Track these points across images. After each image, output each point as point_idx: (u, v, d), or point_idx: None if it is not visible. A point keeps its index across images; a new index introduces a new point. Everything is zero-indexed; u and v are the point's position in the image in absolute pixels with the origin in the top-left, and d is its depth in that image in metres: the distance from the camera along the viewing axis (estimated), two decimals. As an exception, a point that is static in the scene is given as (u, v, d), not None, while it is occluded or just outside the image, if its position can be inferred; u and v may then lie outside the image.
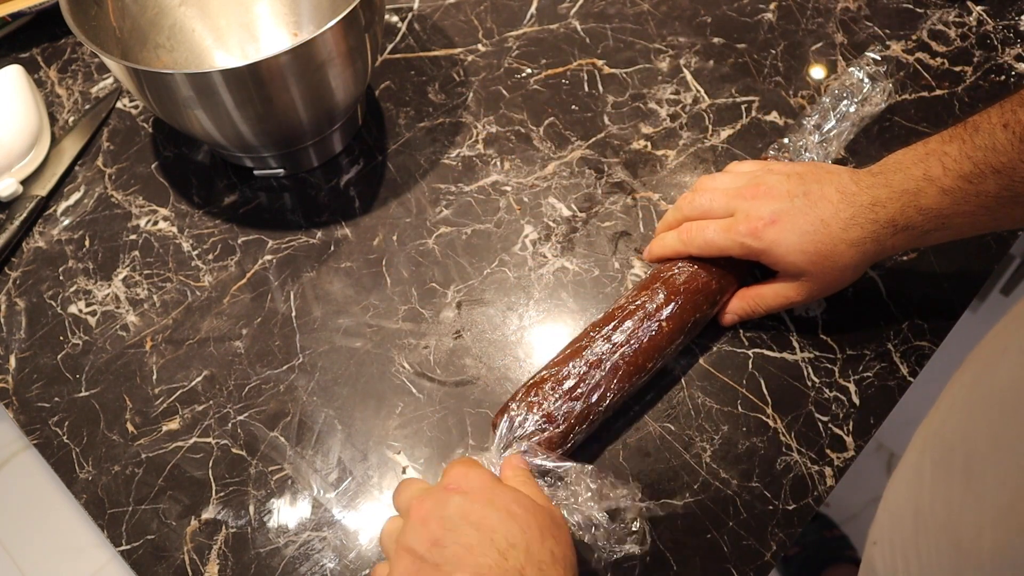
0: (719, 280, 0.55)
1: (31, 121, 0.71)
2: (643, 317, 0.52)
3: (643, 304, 0.53)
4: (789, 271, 0.53)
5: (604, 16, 0.79)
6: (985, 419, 0.42)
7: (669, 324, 0.52)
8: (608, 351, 0.51)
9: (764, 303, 0.56)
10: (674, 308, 0.53)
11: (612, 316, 0.53)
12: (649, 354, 0.52)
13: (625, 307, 0.53)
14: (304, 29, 0.74)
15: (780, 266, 0.53)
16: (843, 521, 1.25)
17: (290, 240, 0.65)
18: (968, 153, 0.45)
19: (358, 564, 0.50)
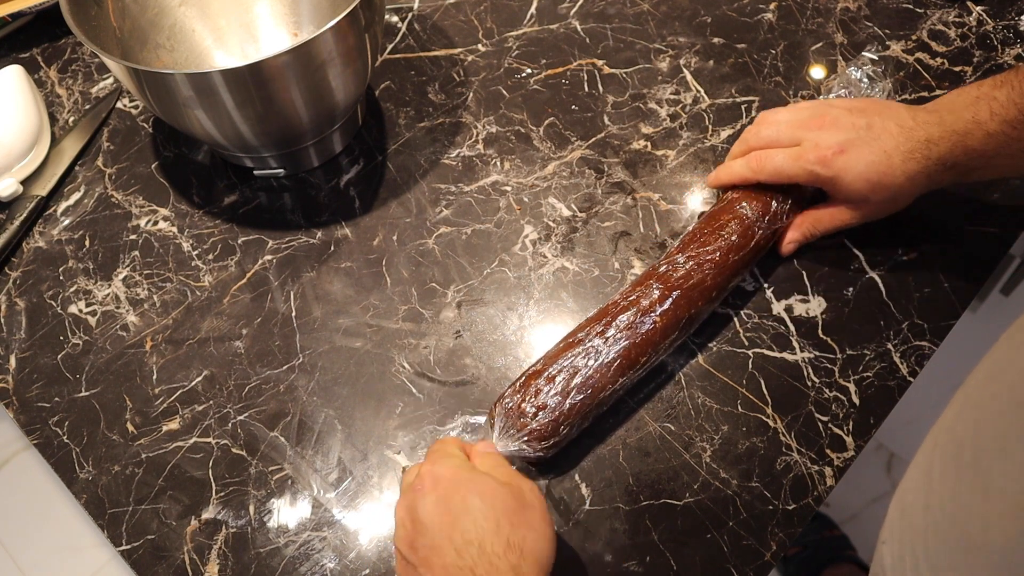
0: (714, 277, 0.55)
1: (31, 121, 0.71)
2: (637, 312, 0.52)
3: (637, 299, 0.53)
4: (852, 198, 0.56)
5: (604, 16, 0.79)
6: (996, 414, 0.42)
7: (663, 319, 0.52)
8: (602, 345, 0.51)
9: (821, 226, 0.59)
10: (669, 304, 0.53)
11: (606, 311, 0.53)
12: (642, 348, 0.52)
13: (619, 303, 0.53)
14: (304, 29, 0.74)
15: (844, 193, 0.56)
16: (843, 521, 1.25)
17: (290, 240, 0.65)
18: (1015, 100, 0.48)
19: (358, 564, 0.50)
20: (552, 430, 0.49)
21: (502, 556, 0.41)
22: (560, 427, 0.49)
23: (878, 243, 0.61)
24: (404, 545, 0.44)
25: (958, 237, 0.61)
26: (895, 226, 0.62)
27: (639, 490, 0.52)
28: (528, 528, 0.43)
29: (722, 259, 0.55)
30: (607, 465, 0.53)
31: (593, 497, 0.52)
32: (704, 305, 0.55)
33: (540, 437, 0.49)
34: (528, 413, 0.49)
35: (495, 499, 0.44)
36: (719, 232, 0.56)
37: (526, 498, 0.45)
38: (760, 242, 0.57)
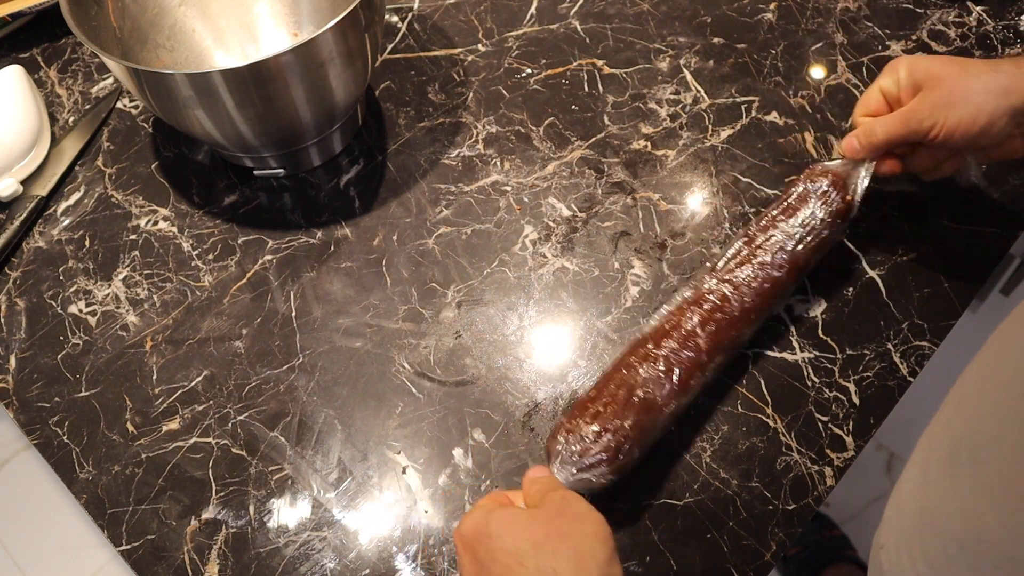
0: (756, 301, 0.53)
1: (31, 121, 0.71)
2: (685, 335, 0.51)
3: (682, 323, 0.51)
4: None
5: (604, 16, 0.79)
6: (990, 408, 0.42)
7: (709, 342, 0.51)
8: (654, 369, 0.50)
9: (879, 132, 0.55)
10: (713, 328, 0.51)
11: (660, 332, 0.52)
12: (693, 370, 0.50)
13: (666, 326, 0.52)
14: (304, 29, 0.74)
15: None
16: (843, 521, 1.25)
17: (290, 240, 0.65)
18: None
19: (358, 564, 0.50)
20: (614, 452, 0.47)
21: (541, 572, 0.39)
22: (620, 449, 0.48)
23: (878, 243, 0.61)
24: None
25: (958, 237, 0.61)
26: (895, 226, 0.62)
27: (639, 490, 0.52)
28: (562, 538, 0.41)
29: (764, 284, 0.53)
30: (607, 465, 0.53)
31: (593, 497, 0.52)
32: (747, 328, 0.53)
33: (602, 460, 0.47)
34: (588, 436, 0.47)
35: (515, 530, 0.42)
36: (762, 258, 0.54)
37: (558, 507, 0.43)
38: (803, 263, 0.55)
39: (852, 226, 0.62)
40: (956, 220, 0.62)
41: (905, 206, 0.63)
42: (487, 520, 0.43)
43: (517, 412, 0.55)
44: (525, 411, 0.55)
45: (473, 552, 0.42)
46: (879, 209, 0.63)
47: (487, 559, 0.41)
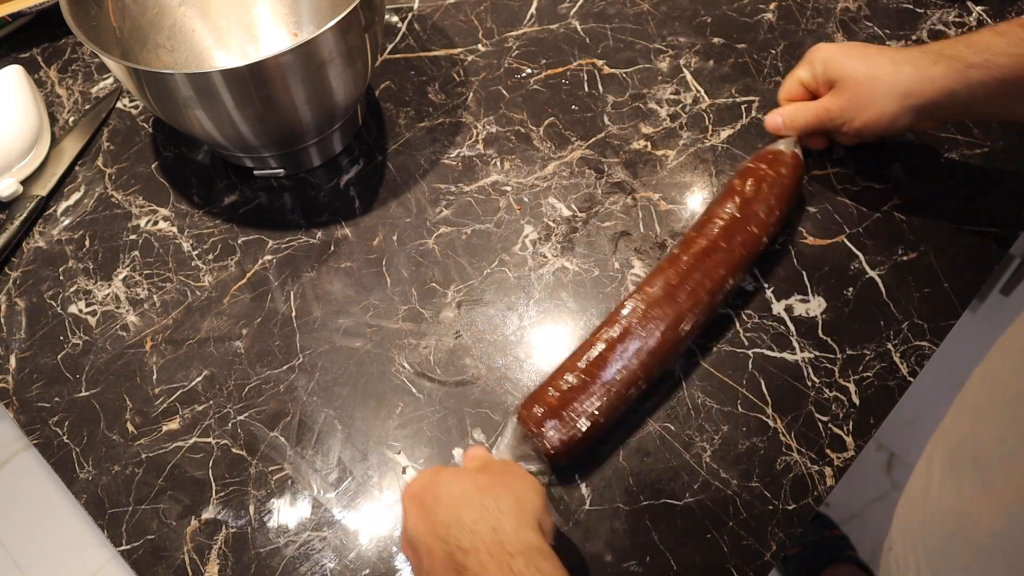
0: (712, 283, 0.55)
1: (31, 121, 0.71)
2: (641, 323, 0.53)
3: (637, 312, 0.53)
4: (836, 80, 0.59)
5: (604, 16, 0.79)
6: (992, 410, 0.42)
7: (666, 333, 0.52)
8: (612, 356, 0.52)
9: (805, 113, 0.61)
10: (671, 319, 0.53)
11: (612, 320, 0.53)
12: (656, 357, 0.52)
13: (623, 312, 0.54)
14: (304, 29, 0.74)
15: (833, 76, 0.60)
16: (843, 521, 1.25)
17: (290, 240, 0.65)
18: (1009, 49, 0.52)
19: (358, 564, 0.50)
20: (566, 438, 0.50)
21: (479, 520, 0.42)
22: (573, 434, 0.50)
23: (878, 243, 0.61)
24: (416, 571, 0.45)
25: (958, 237, 0.61)
26: (895, 226, 0.62)
27: (639, 490, 0.52)
28: (500, 486, 0.44)
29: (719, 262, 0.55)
30: (607, 465, 0.53)
31: (593, 497, 0.52)
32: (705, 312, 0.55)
33: (553, 442, 0.49)
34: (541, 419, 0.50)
35: (462, 479, 0.45)
36: (714, 234, 0.56)
37: (498, 466, 0.47)
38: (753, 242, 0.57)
39: (852, 225, 0.62)
40: (956, 220, 0.62)
41: (905, 206, 0.63)
42: (434, 475, 0.46)
43: (517, 412, 0.55)
44: (525, 411, 0.55)
45: (420, 502, 0.45)
46: (879, 209, 0.63)
47: (433, 504, 0.44)
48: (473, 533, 0.42)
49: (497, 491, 0.44)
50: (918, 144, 0.67)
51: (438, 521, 0.43)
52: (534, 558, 0.41)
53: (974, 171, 0.65)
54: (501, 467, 0.47)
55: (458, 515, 0.43)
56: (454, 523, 0.43)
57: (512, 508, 0.43)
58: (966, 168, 0.65)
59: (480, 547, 0.41)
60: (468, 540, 0.42)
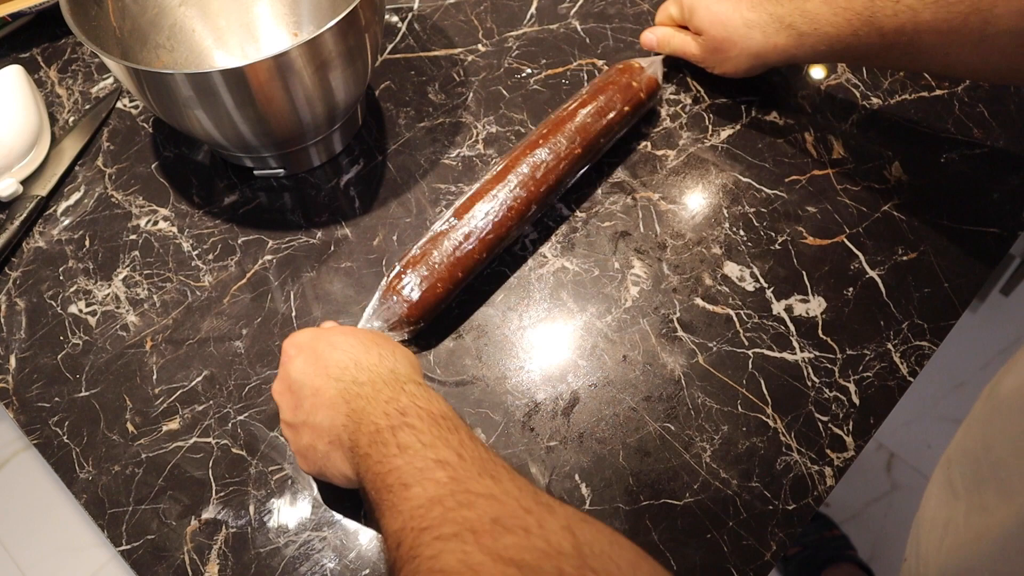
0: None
1: (31, 121, 0.71)
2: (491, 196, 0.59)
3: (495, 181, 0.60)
4: (698, 28, 0.67)
5: (604, 16, 0.79)
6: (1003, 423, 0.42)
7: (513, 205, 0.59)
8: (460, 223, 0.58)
9: (671, 44, 0.71)
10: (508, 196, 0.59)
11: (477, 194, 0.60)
12: (501, 228, 0.58)
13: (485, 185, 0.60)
14: (304, 29, 0.74)
15: (694, 23, 0.68)
16: (843, 521, 1.25)
17: (290, 240, 0.65)
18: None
19: (358, 564, 0.50)
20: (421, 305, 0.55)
21: (378, 364, 0.46)
22: (412, 316, 0.55)
23: (878, 243, 0.61)
24: (288, 414, 0.48)
25: (958, 237, 0.61)
26: (895, 226, 0.62)
27: (639, 490, 0.52)
28: (393, 345, 0.49)
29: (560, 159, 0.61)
30: (607, 465, 0.53)
31: (593, 497, 0.52)
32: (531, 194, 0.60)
33: (399, 322, 0.56)
34: (398, 277, 0.56)
35: (356, 334, 0.49)
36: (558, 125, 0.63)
37: (378, 336, 0.50)
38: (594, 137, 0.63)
39: (852, 225, 0.62)
40: (956, 220, 0.62)
41: (905, 206, 0.63)
42: (327, 329, 0.50)
43: (517, 412, 0.55)
44: (525, 411, 0.55)
45: (311, 349, 0.48)
46: (879, 209, 0.63)
47: (328, 349, 0.47)
48: (370, 371, 0.45)
49: (391, 346, 0.49)
50: (918, 144, 0.67)
51: (332, 363, 0.46)
52: (426, 389, 0.45)
53: (974, 171, 0.65)
54: (382, 335, 0.51)
55: (356, 358, 0.46)
56: (351, 364, 0.46)
57: (405, 360, 0.48)
58: (966, 168, 0.65)
59: (376, 379, 0.45)
60: (365, 376, 0.45)
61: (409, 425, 0.41)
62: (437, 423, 0.41)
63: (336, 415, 0.44)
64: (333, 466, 0.46)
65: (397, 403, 0.42)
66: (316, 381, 0.46)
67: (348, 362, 0.46)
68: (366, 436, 0.42)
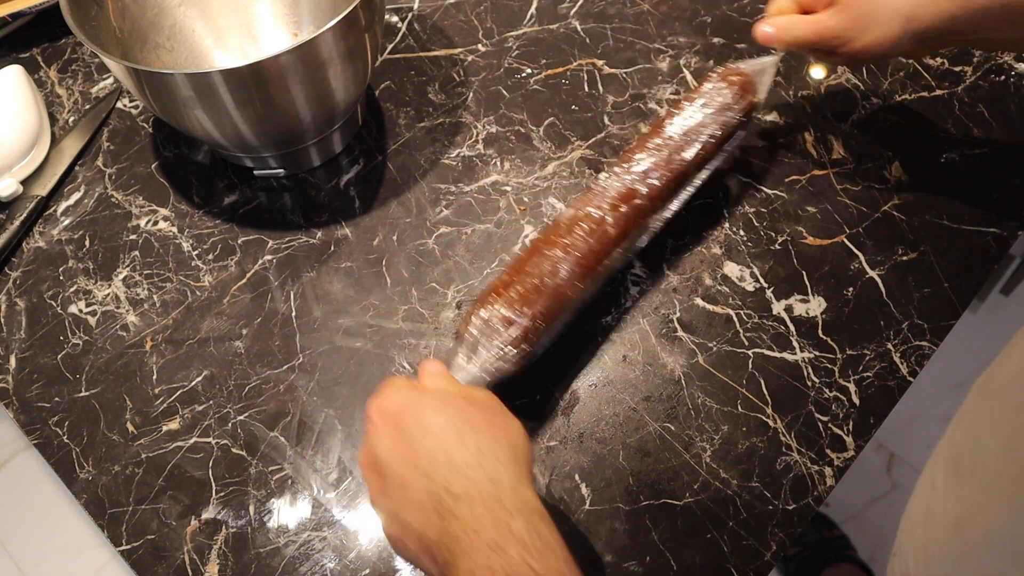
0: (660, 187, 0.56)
1: (31, 121, 0.71)
2: (588, 229, 0.53)
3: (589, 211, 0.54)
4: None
5: (604, 16, 0.79)
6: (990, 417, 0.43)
7: (617, 226, 0.54)
8: (561, 255, 0.52)
9: (797, 28, 0.59)
10: (623, 211, 0.54)
11: (562, 221, 0.54)
12: (597, 257, 0.53)
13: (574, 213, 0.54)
14: (304, 29, 0.74)
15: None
16: (843, 521, 1.25)
17: (290, 240, 0.65)
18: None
19: (358, 564, 0.50)
20: (523, 338, 0.49)
21: (475, 466, 0.38)
22: (528, 336, 0.49)
23: (878, 243, 0.61)
24: (375, 495, 0.41)
25: (958, 237, 0.61)
26: (895, 226, 0.62)
27: (639, 490, 0.52)
28: (495, 428, 0.41)
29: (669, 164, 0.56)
30: (607, 465, 0.53)
31: (593, 497, 0.52)
32: (652, 215, 0.56)
33: (513, 342, 0.49)
34: (496, 321, 0.49)
35: (450, 409, 0.41)
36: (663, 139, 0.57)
37: (482, 400, 0.43)
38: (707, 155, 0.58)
39: (852, 225, 0.62)
40: (956, 220, 0.62)
41: (905, 206, 0.63)
42: (417, 397, 0.42)
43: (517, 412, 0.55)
44: (525, 411, 0.55)
45: (398, 424, 0.41)
46: (879, 209, 0.63)
47: (417, 432, 0.40)
48: (467, 479, 0.38)
49: (492, 433, 0.40)
50: (918, 144, 0.67)
51: (422, 452, 0.39)
52: (534, 520, 0.37)
53: (974, 171, 0.65)
54: (484, 399, 0.44)
55: (449, 453, 0.39)
56: (444, 461, 0.39)
57: (509, 458, 0.40)
58: (966, 168, 0.65)
59: (475, 496, 0.37)
60: (460, 485, 0.38)
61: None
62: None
63: (427, 525, 0.38)
64: (424, 568, 0.40)
65: (503, 557, 0.35)
66: (403, 470, 0.40)
67: (440, 456, 0.39)
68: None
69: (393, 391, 0.43)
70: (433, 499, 0.38)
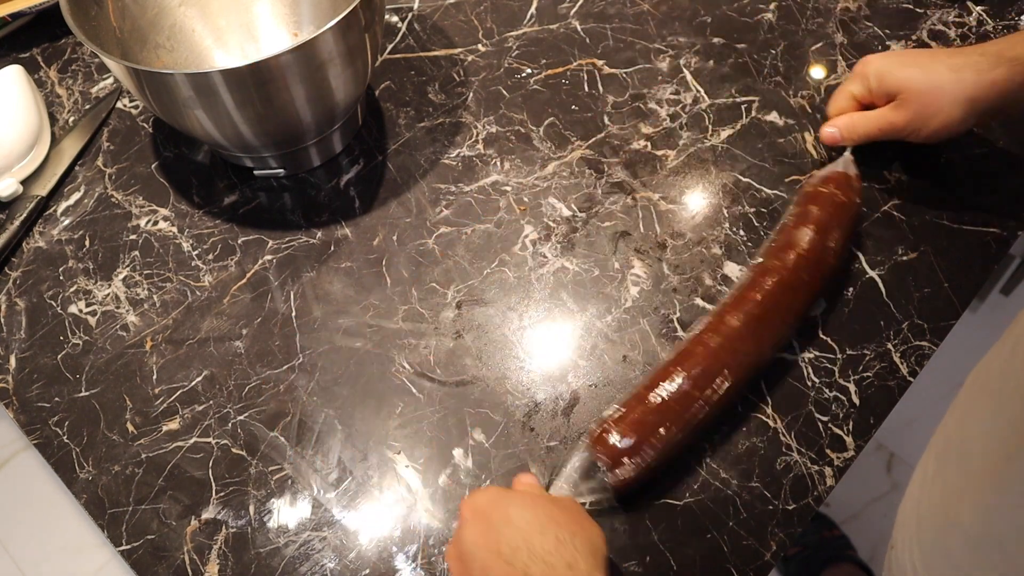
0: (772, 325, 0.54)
1: (31, 121, 0.71)
2: (716, 358, 0.51)
3: (715, 342, 0.52)
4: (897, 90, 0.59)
5: (604, 16, 0.79)
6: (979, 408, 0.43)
7: (734, 369, 0.51)
8: (677, 391, 0.50)
9: (864, 124, 0.61)
10: (749, 355, 0.52)
11: (688, 354, 0.52)
12: (730, 393, 0.51)
13: (694, 346, 0.52)
14: (304, 29, 0.74)
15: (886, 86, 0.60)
16: (843, 521, 1.25)
17: (290, 240, 0.65)
18: None
19: (358, 564, 0.50)
20: (631, 473, 0.48)
21: (554, 553, 0.41)
22: (635, 468, 0.48)
23: (878, 243, 0.61)
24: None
25: (958, 237, 0.61)
26: (895, 226, 0.62)
27: (639, 490, 0.52)
28: (575, 524, 0.43)
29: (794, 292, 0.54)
30: (607, 465, 0.53)
31: (593, 497, 0.52)
32: (777, 347, 0.55)
33: (620, 480, 0.48)
34: (609, 452, 0.48)
35: (536, 506, 0.44)
36: (791, 264, 0.54)
37: (566, 503, 0.46)
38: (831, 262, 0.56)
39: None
40: (956, 220, 0.62)
41: (905, 206, 0.63)
42: (507, 494, 0.45)
43: (517, 412, 0.55)
44: (525, 411, 0.55)
45: (486, 517, 0.44)
46: (879, 209, 0.63)
47: (502, 523, 0.43)
48: (546, 564, 0.40)
49: (571, 528, 0.43)
50: (918, 144, 0.67)
51: (505, 541, 0.42)
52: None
53: (974, 171, 0.65)
54: (567, 502, 0.46)
55: (530, 541, 0.41)
56: (524, 548, 0.41)
57: (587, 549, 0.42)
58: (966, 168, 0.65)
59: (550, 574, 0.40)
60: (539, 569, 0.40)
61: None
62: None
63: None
64: None
65: None
66: (486, 557, 0.42)
67: (521, 543, 0.41)
68: None
69: (484, 491, 0.46)
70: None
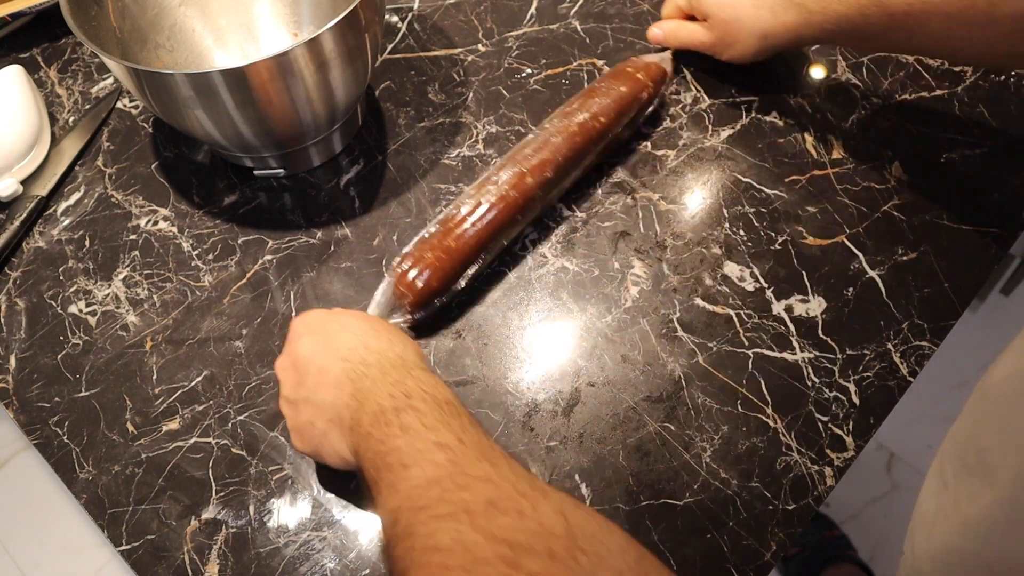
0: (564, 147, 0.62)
1: (31, 121, 0.71)
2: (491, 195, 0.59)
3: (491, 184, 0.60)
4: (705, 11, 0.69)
5: (604, 16, 0.79)
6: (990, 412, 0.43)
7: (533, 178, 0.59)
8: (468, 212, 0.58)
9: (681, 34, 0.72)
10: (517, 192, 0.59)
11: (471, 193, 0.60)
12: (515, 208, 0.59)
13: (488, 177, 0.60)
14: (304, 29, 0.74)
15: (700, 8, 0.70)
16: (843, 521, 1.25)
17: (290, 240, 0.65)
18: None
19: (358, 564, 0.50)
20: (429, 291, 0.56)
21: (388, 349, 0.46)
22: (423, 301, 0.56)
23: (878, 243, 0.61)
24: (290, 391, 0.48)
25: (958, 237, 0.61)
26: (895, 226, 0.62)
27: (639, 490, 0.52)
28: (400, 334, 0.50)
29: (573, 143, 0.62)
30: (607, 465, 0.53)
31: (593, 497, 0.52)
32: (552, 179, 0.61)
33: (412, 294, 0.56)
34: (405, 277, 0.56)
35: (366, 319, 0.50)
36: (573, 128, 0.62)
37: (389, 325, 0.51)
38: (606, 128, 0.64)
39: (852, 225, 0.62)
40: (956, 220, 0.62)
41: (905, 206, 0.63)
42: (338, 311, 0.51)
43: (517, 412, 0.55)
44: (525, 411, 0.55)
45: (322, 329, 0.48)
46: (879, 209, 0.63)
47: (338, 331, 0.48)
48: (379, 353, 0.46)
49: (399, 335, 0.49)
50: (918, 144, 0.67)
51: (342, 344, 0.47)
52: (432, 375, 0.45)
53: (974, 171, 0.65)
54: (388, 323, 0.52)
55: (365, 341, 0.47)
56: (360, 346, 0.46)
57: (412, 349, 0.48)
58: (966, 168, 0.65)
59: (384, 362, 0.45)
60: (373, 358, 0.45)
61: (413, 408, 0.41)
62: (440, 407, 0.41)
63: (340, 394, 0.45)
64: (329, 444, 0.46)
65: (403, 386, 0.43)
66: (323, 360, 0.46)
67: (357, 344, 0.46)
68: (369, 416, 0.42)
69: (315, 311, 0.51)
70: (348, 373, 0.45)
